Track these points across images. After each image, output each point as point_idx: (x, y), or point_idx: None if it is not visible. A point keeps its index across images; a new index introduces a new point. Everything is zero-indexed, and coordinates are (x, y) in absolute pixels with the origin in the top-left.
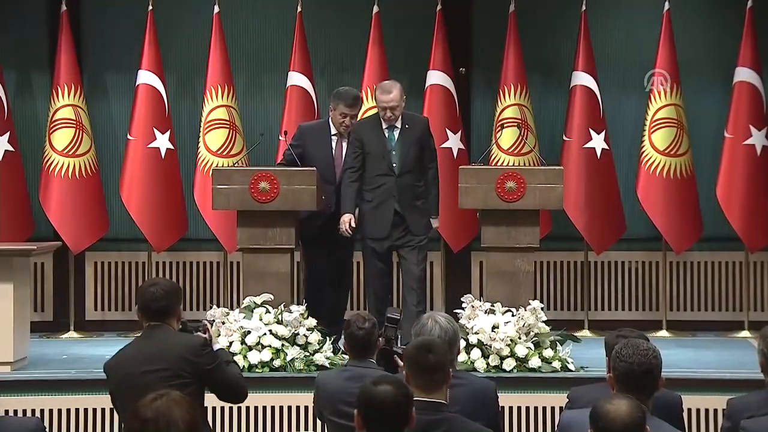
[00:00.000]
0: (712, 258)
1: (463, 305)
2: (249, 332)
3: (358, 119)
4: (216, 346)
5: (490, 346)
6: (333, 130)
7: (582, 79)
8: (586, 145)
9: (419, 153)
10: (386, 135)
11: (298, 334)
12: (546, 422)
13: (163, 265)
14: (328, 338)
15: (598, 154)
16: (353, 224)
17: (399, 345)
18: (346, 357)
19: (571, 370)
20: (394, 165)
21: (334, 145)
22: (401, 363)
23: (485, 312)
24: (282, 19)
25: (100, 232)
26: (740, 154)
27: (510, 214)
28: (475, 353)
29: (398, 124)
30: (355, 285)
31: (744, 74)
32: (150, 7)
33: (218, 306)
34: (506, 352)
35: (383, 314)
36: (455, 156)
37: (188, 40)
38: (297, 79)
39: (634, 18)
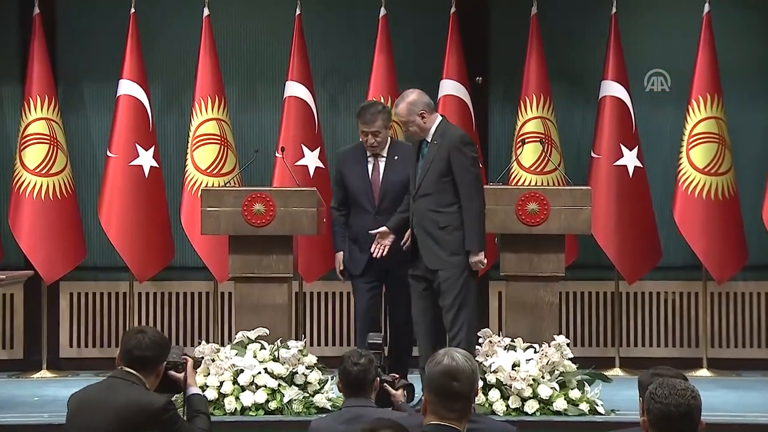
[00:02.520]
0: (758, 288)
1: (480, 341)
2: (242, 371)
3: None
4: (191, 390)
5: (511, 387)
6: (368, 152)
7: (612, 89)
8: (617, 163)
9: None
10: (420, 152)
11: (296, 372)
12: None
13: (147, 297)
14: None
15: (630, 173)
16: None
17: (386, 373)
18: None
19: (601, 413)
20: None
21: (370, 168)
22: (393, 391)
23: (505, 348)
24: (279, 23)
25: (76, 259)
26: None
27: (532, 239)
28: (494, 394)
29: (429, 138)
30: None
31: None
32: (132, 10)
33: (207, 341)
34: (528, 393)
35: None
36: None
37: (175, 46)
38: (295, 89)
39: (671, 21)
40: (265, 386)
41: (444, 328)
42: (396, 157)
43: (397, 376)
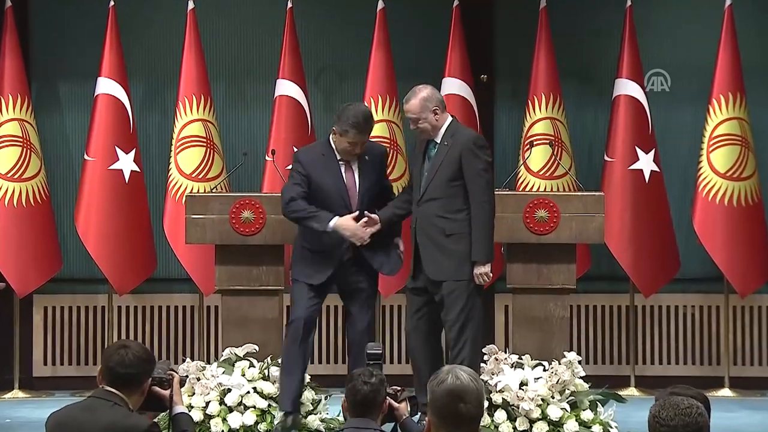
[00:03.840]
0: None
1: (486, 358)
2: (229, 390)
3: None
4: (177, 409)
5: (518, 407)
6: (338, 155)
7: (627, 87)
8: (632, 167)
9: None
10: (427, 152)
11: None
12: None
13: (127, 311)
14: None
15: (647, 178)
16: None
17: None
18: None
19: None
20: (421, 189)
21: (343, 171)
22: (396, 404)
23: (512, 366)
24: (269, 16)
25: (51, 271)
26: None
27: (541, 248)
28: (500, 415)
29: (438, 139)
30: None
31: None
32: (112, 3)
33: (192, 358)
34: (537, 414)
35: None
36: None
37: (157, 41)
38: (287, 87)
39: (690, 15)
40: (254, 407)
41: (440, 347)
42: (366, 158)
43: (399, 388)
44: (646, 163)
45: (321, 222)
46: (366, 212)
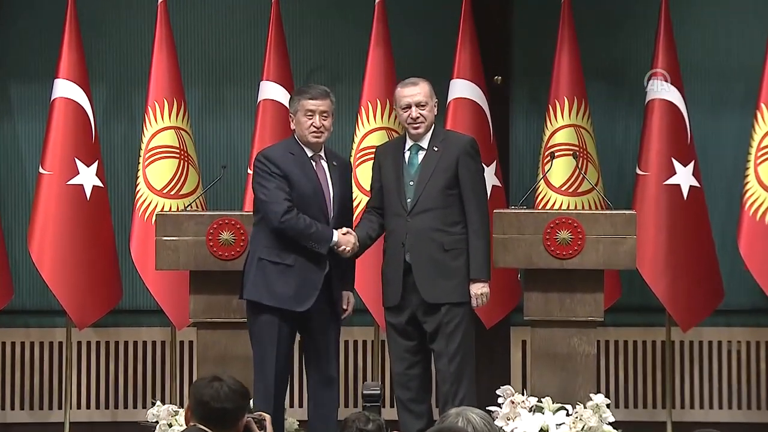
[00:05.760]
0: None
1: (500, 400)
2: None
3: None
4: None
5: None
6: (308, 152)
7: (663, 91)
8: (669, 182)
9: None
10: (406, 159)
11: None
12: None
13: (88, 347)
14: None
15: (685, 194)
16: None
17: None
18: None
19: None
20: (408, 200)
21: (316, 171)
22: None
23: (530, 410)
24: (252, 10)
25: (1, 302)
26: None
27: (563, 275)
28: None
29: (424, 143)
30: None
31: None
32: None
33: (163, 402)
34: None
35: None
36: (488, 195)
37: (123, 38)
38: (272, 91)
39: (735, 8)
40: None
41: (428, 385)
42: (334, 163)
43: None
44: (684, 177)
45: (320, 243)
46: (345, 228)
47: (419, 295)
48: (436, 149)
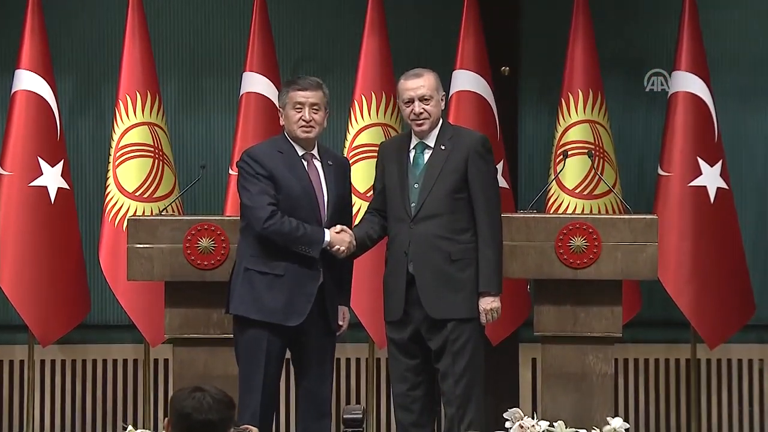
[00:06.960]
0: None
1: (507, 424)
2: None
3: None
4: None
5: None
6: (299, 150)
7: (687, 83)
8: (694, 183)
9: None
10: (411, 159)
11: None
12: None
13: (52, 366)
14: None
15: (712, 197)
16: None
17: None
18: None
19: None
20: (413, 205)
21: (308, 170)
22: None
23: None
24: None
25: None
26: None
27: (578, 286)
28: None
29: (430, 142)
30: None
31: None
32: None
33: (135, 426)
34: None
35: None
36: None
37: (92, 25)
38: (255, 83)
39: None
40: None
41: (432, 408)
42: (330, 163)
43: None
44: (711, 178)
45: (312, 245)
46: (339, 225)
47: (423, 310)
48: (443, 148)
